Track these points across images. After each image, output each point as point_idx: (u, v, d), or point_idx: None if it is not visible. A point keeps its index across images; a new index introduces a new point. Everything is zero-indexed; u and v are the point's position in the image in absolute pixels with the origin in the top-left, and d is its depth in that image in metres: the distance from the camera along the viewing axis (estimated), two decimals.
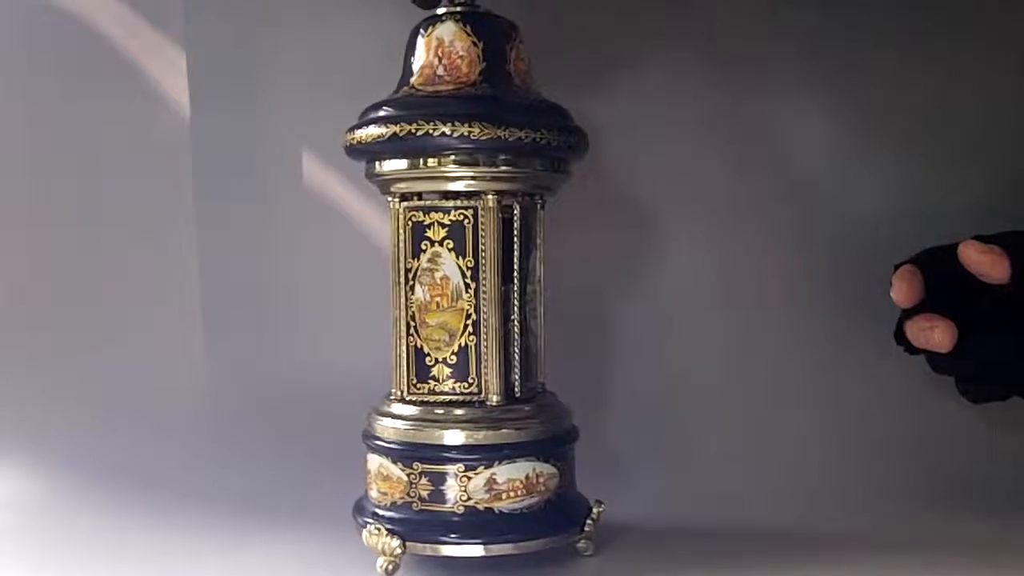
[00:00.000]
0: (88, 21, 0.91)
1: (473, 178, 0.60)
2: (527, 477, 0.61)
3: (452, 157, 0.59)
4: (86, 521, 0.76)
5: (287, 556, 0.67)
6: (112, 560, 0.68)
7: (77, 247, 0.91)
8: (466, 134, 0.57)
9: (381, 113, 0.60)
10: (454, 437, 0.60)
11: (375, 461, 0.63)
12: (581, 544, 0.64)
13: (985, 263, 0.58)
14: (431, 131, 0.58)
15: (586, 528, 0.64)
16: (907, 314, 0.61)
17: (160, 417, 0.89)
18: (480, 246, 0.61)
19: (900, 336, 0.63)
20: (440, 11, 0.62)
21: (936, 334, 0.60)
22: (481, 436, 0.60)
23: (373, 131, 0.59)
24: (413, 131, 0.58)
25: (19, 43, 0.91)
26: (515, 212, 0.62)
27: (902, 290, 0.60)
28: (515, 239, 0.62)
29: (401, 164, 0.60)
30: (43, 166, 0.91)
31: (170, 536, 0.72)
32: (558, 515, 0.62)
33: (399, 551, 0.60)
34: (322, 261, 0.91)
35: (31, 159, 0.91)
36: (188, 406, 0.90)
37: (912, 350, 0.62)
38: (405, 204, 0.61)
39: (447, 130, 0.57)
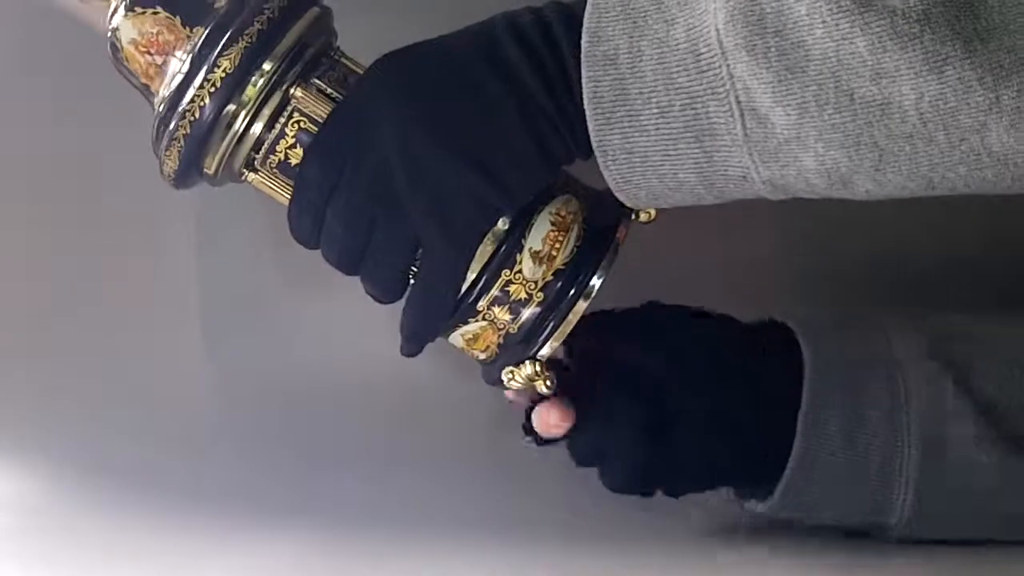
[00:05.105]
0: (88, 21, 0.91)
1: None
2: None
3: None
4: (86, 521, 0.76)
5: (287, 556, 0.67)
6: (112, 560, 0.68)
7: (77, 247, 0.91)
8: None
9: None
10: None
11: (456, 340, 0.62)
12: (643, 216, 0.61)
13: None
14: None
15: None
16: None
17: (160, 417, 0.89)
18: None
19: (529, 427, 0.60)
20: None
21: (551, 415, 0.58)
22: None
23: None
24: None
25: (19, 43, 0.91)
26: None
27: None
28: None
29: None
30: (43, 166, 0.91)
31: (170, 536, 0.72)
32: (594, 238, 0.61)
33: (537, 368, 0.59)
34: (323, 260, 0.91)
35: (30, 159, 0.91)
36: (188, 406, 0.90)
37: (540, 440, 0.60)
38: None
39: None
